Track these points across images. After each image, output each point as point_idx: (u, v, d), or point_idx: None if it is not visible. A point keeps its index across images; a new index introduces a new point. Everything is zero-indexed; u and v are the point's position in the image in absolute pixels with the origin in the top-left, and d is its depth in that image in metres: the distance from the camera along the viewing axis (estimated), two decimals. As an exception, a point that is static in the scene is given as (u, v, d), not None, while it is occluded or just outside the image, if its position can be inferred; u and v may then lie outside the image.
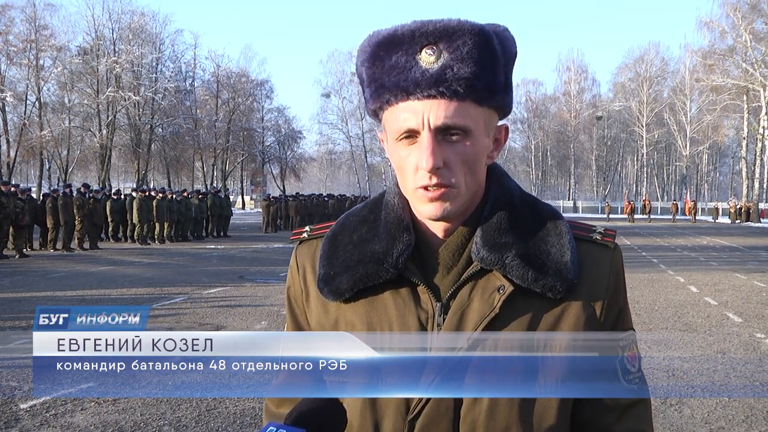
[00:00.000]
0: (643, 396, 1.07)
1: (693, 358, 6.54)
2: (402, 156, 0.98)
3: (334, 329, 1.05)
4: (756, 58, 47.39)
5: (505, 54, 0.98)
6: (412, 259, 1.02)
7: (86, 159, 45.65)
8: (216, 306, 9.41)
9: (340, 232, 1.08)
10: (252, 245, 22.11)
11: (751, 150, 53.83)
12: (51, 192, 19.82)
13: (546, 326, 1.00)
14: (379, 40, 0.97)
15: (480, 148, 0.98)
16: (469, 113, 0.95)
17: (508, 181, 1.08)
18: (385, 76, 0.96)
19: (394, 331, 1.00)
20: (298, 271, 1.12)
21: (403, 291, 1.02)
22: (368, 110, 1.03)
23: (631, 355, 1.07)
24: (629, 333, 1.08)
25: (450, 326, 0.99)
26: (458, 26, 0.94)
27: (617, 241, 1.09)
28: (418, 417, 0.98)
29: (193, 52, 54.55)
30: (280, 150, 58.51)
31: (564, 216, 1.08)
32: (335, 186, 77.49)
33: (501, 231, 1.01)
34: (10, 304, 9.46)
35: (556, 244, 1.01)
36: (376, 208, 1.09)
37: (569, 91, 71.99)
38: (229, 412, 4.78)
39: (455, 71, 0.93)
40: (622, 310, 1.07)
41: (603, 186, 74.72)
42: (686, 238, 27.04)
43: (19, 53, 39.03)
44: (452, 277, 1.02)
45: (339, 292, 1.03)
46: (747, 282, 12.67)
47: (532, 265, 0.98)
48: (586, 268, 1.03)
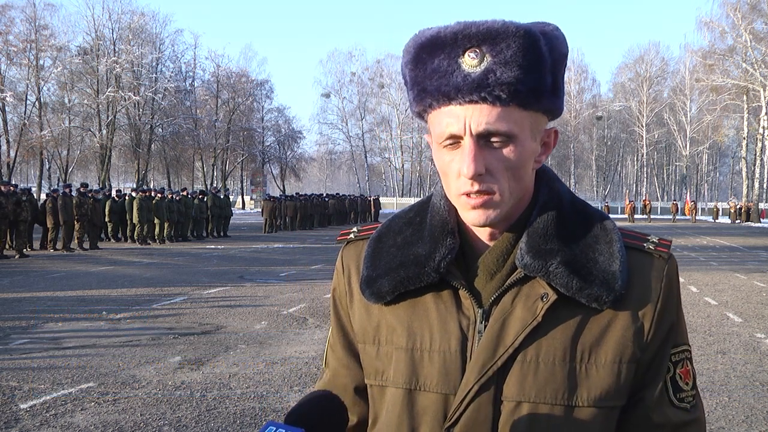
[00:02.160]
0: (697, 416, 1.03)
1: (693, 358, 6.53)
2: (445, 161, 0.96)
3: (376, 332, 1.05)
4: (756, 58, 47.39)
5: (553, 55, 0.94)
6: (456, 264, 1.01)
7: (86, 159, 45.67)
8: (216, 306, 9.41)
9: (386, 234, 1.07)
10: (252, 245, 22.11)
11: (751, 150, 53.84)
12: (51, 192, 19.82)
13: (590, 337, 0.96)
14: (423, 42, 0.95)
15: (525, 153, 0.95)
16: (512, 118, 0.92)
17: (559, 185, 1.05)
18: (427, 80, 0.94)
19: (435, 337, 0.99)
20: (344, 273, 1.11)
21: (445, 296, 1.00)
22: (413, 112, 1.01)
23: (684, 372, 1.03)
24: (683, 348, 1.04)
25: (491, 333, 0.96)
26: (502, 28, 0.91)
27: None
28: (456, 425, 0.96)
29: (193, 52, 54.80)
30: (280, 150, 58.51)
31: (617, 224, 1.04)
32: (335, 186, 77.48)
33: (547, 237, 0.98)
34: (10, 304, 9.46)
35: (605, 252, 0.98)
36: (422, 211, 1.08)
37: (569, 91, 71.96)
38: (229, 412, 4.78)
39: (498, 76, 0.90)
40: (675, 324, 1.02)
41: (603, 186, 74.72)
42: (686, 238, 27.05)
43: (19, 53, 39.04)
44: (495, 283, 1.00)
45: (380, 294, 1.02)
46: (747, 282, 12.67)
47: (578, 274, 0.95)
48: (637, 279, 0.99)
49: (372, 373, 1.05)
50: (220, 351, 6.65)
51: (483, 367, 0.95)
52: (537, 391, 0.95)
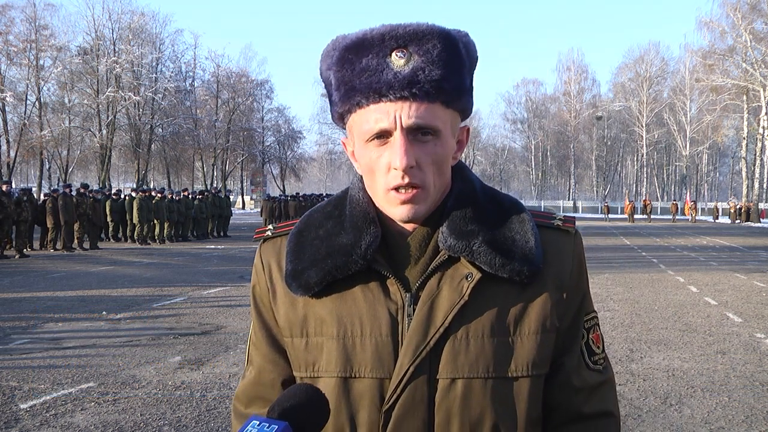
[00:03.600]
0: (609, 376, 1.11)
1: (693, 358, 6.54)
2: (372, 157, 0.99)
3: (303, 325, 1.06)
4: (756, 58, 47.39)
5: (469, 58, 1.01)
6: (379, 252, 1.03)
7: (86, 159, 45.67)
8: (216, 306, 9.41)
9: (306, 228, 1.09)
10: (252, 245, 22.09)
11: (751, 150, 53.83)
12: (51, 192, 19.83)
13: (515, 311, 1.02)
14: (348, 44, 0.98)
15: (448, 149, 1.01)
16: (438, 115, 0.97)
17: (469, 173, 1.10)
18: (356, 78, 0.97)
19: (365, 324, 1.01)
20: (264, 269, 1.12)
21: (372, 284, 1.03)
22: (334, 114, 1.04)
23: (595, 337, 1.11)
24: (592, 315, 1.12)
25: (420, 316, 1.00)
26: (428, 30, 0.96)
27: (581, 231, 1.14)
28: (394, 407, 0.99)
29: (193, 52, 54.69)
30: (280, 150, 58.52)
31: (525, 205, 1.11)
32: (335, 186, 77.56)
33: (466, 220, 1.02)
34: (10, 304, 9.46)
35: (520, 231, 1.03)
36: (340, 204, 1.10)
37: (569, 91, 72.02)
38: (229, 412, 4.77)
39: (426, 73, 0.95)
40: (586, 294, 1.10)
41: (603, 186, 74.72)
42: (686, 238, 27.05)
43: (19, 53, 39.03)
44: (420, 267, 1.03)
45: (308, 286, 1.03)
46: (747, 282, 12.67)
47: (499, 251, 1.00)
48: (550, 254, 1.05)
49: (302, 365, 1.07)
50: (220, 351, 6.65)
51: (416, 349, 0.98)
52: (469, 367, 0.99)
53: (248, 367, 1.16)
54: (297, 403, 0.87)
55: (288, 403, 0.87)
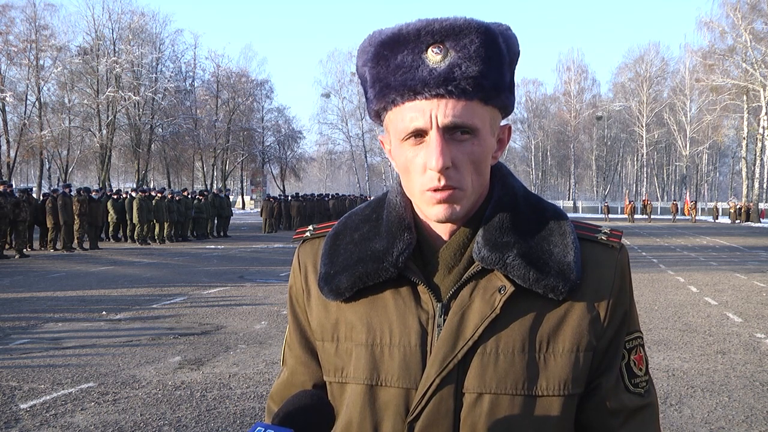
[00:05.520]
0: (651, 400, 1.05)
1: (693, 358, 6.54)
2: (408, 157, 0.96)
3: (335, 329, 1.04)
4: (756, 58, 47.37)
5: (510, 53, 0.97)
6: (413, 259, 1.01)
7: (86, 159, 45.63)
8: (216, 306, 9.41)
9: (342, 231, 1.07)
10: (252, 245, 22.10)
11: (751, 150, 53.83)
12: (50, 192, 19.82)
13: (548, 327, 0.98)
14: (383, 40, 0.95)
15: (486, 148, 0.97)
16: (476, 112, 0.93)
17: (512, 180, 1.06)
18: (391, 75, 0.94)
19: (395, 332, 0.99)
20: (300, 271, 1.11)
21: (404, 291, 1.01)
22: (370, 111, 1.01)
23: (638, 358, 1.05)
24: (636, 335, 1.06)
25: (450, 327, 0.97)
26: (465, 24, 0.92)
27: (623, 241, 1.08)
28: (418, 419, 0.96)
29: (193, 52, 54.76)
30: (280, 150, 58.48)
31: (569, 216, 1.06)
32: (335, 186, 77.51)
33: (503, 230, 0.99)
34: (10, 304, 9.46)
35: (560, 244, 0.99)
36: (378, 208, 1.08)
37: (569, 91, 71.98)
38: (229, 412, 4.78)
39: (463, 70, 0.91)
40: (628, 312, 1.04)
41: (603, 186, 74.72)
42: (686, 238, 27.05)
43: (19, 53, 38.96)
44: (453, 277, 1.00)
45: (339, 291, 1.02)
46: (747, 282, 12.67)
47: (534, 265, 0.96)
48: (590, 269, 1.00)
49: (331, 370, 1.05)
50: (220, 351, 6.65)
51: (444, 360, 0.96)
52: (497, 383, 0.96)
53: (283, 368, 1.16)
54: (301, 410, 0.87)
55: (292, 409, 0.87)
